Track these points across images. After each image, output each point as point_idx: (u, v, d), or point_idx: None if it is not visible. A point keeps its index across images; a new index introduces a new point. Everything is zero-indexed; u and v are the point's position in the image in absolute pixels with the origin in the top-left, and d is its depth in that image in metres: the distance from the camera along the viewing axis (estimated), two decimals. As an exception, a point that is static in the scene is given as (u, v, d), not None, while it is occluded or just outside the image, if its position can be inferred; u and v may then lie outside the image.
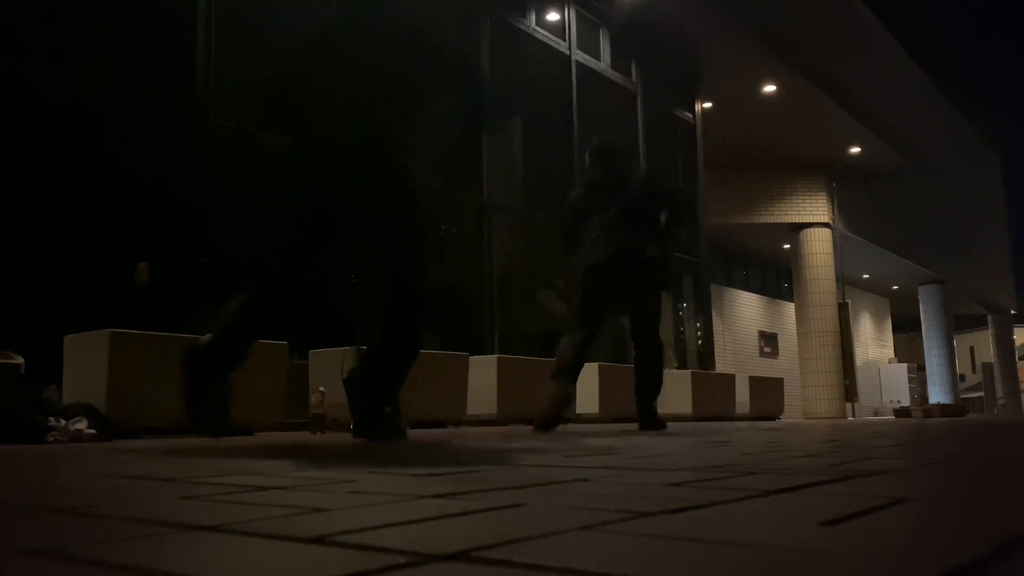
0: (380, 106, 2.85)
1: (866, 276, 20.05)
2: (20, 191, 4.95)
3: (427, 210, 2.97)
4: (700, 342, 11.88)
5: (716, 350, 12.44)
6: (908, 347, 26.40)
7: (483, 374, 6.42)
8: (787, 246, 15.80)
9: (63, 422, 3.73)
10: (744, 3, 10.26)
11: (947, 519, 0.82)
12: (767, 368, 16.12)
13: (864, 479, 1.20)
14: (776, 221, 15.26)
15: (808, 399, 14.66)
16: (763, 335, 17.97)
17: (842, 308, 15.04)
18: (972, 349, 31.74)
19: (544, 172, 9.45)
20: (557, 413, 4.55)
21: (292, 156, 2.93)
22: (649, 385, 4.84)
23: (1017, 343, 26.57)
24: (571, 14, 9.83)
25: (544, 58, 9.39)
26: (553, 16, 9.68)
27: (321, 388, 5.02)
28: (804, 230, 15.13)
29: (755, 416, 10.10)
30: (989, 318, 25.56)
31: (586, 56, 9.98)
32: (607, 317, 4.98)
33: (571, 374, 4.66)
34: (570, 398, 4.73)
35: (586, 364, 5.04)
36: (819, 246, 15.03)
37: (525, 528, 0.73)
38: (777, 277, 19.02)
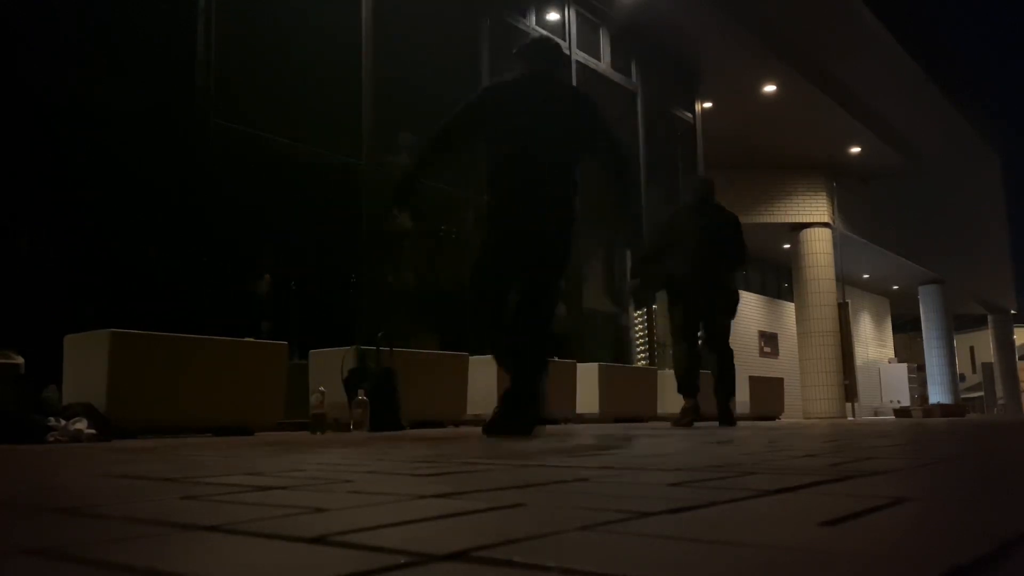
0: (549, 150, 3.72)
1: (866, 276, 20.04)
2: (20, 191, 4.95)
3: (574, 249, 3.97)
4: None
5: (716, 350, 12.42)
6: (908, 347, 26.39)
7: (483, 374, 6.41)
8: (787, 246, 15.79)
9: (63, 422, 3.74)
10: (744, 3, 10.26)
11: (947, 519, 0.82)
12: (767, 368, 16.11)
13: (864, 479, 1.20)
14: (776, 221, 15.25)
15: (808, 399, 14.66)
16: (763, 335, 17.98)
17: (842, 308, 15.04)
18: (972, 349, 31.73)
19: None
20: (688, 423, 5.45)
21: (493, 210, 3.78)
22: (726, 386, 5.70)
23: (1017, 343, 26.56)
24: (571, 14, 9.83)
25: (544, 58, 9.39)
26: (553, 16, 9.68)
27: (321, 388, 5.02)
28: (804, 230, 15.13)
29: (755, 416, 10.11)
30: (989, 318, 25.56)
31: (586, 56, 9.99)
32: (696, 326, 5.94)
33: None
34: (696, 407, 5.63)
35: (586, 364, 5.47)
36: (819, 246, 15.02)
37: (525, 528, 0.73)
38: (777, 277, 19.02)
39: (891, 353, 23.78)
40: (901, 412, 15.30)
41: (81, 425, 3.75)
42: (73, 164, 5.22)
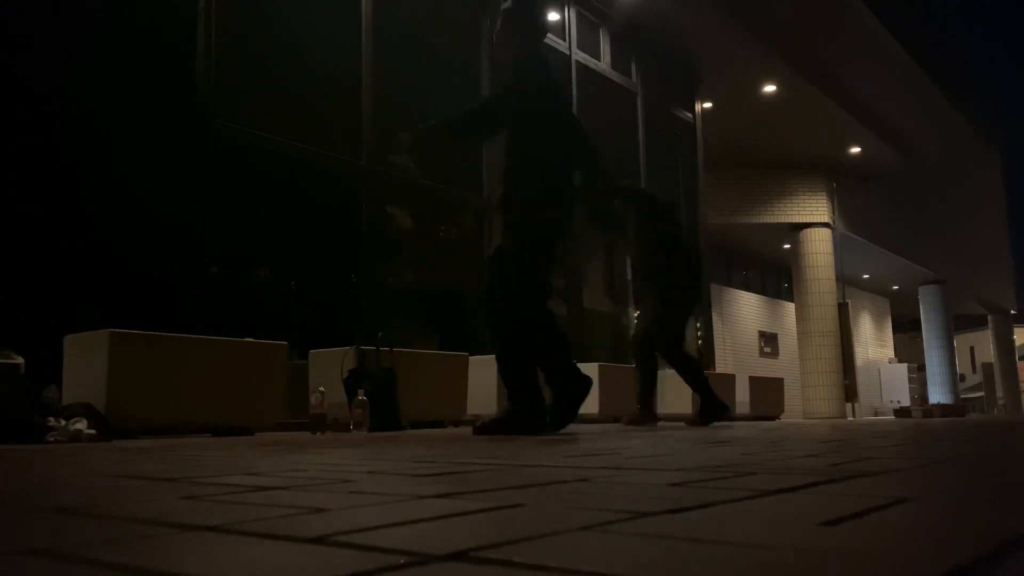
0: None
1: (866, 276, 20.05)
2: (20, 191, 4.95)
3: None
4: (700, 342, 11.88)
5: (716, 350, 12.44)
6: (908, 347, 26.42)
7: (483, 374, 6.42)
8: (787, 246, 15.79)
9: (63, 422, 3.74)
10: (744, 3, 10.26)
11: (947, 519, 0.82)
12: (767, 368, 16.12)
13: (864, 479, 1.20)
14: (776, 221, 15.26)
15: (808, 399, 14.66)
16: (763, 335, 17.98)
17: (842, 308, 15.04)
18: (972, 349, 31.76)
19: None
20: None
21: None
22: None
23: (1017, 343, 26.59)
24: (571, 14, 9.83)
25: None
26: (553, 16, 9.68)
27: (321, 388, 5.02)
28: (804, 230, 15.13)
29: (755, 416, 10.10)
30: (989, 318, 25.58)
31: (586, 56, 9.99)
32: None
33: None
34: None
35: (586, 364, 5.62)
36: (819, 246, 15.03)
37: (525, 528, 0.73)
38: (777, 277, 19.03)
39: (891, 353, 23.80)
40: (901, 412, 15.31)
41: (81, 425, 3.75)
42: (73, 164, 5.22)
